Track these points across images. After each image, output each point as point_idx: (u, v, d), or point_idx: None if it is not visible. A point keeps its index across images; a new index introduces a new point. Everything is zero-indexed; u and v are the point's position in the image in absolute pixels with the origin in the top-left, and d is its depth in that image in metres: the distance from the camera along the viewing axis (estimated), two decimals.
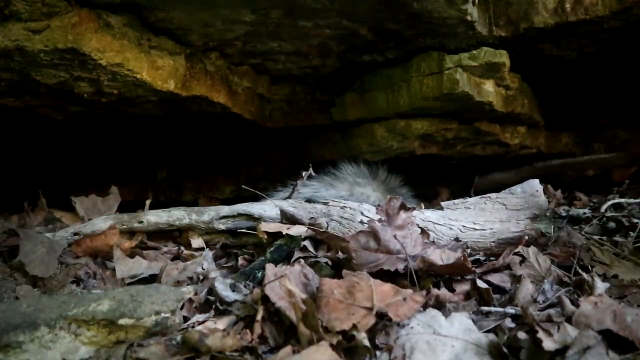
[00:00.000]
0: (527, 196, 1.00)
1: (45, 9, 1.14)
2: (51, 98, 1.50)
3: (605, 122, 2.17)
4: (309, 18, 1.41)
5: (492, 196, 1.03)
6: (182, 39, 1.48)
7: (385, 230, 0.88)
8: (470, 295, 0.82)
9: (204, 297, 0.85)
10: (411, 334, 0.67)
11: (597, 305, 0.68)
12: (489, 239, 0.98)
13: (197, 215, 1.20)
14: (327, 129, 2.04)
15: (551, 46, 1.68)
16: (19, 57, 1.22)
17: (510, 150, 2.03)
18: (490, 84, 1.69)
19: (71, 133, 2.00)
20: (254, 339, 0.68)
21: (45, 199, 1.59)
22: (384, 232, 0.88)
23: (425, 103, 1.67)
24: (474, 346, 0.65)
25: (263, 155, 2.29)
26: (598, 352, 0.60)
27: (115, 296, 0.75)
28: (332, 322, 0.63)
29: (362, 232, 0.88)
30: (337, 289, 0.70)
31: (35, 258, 0.99)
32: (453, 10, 1.41)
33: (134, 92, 1.48)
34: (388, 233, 0.88)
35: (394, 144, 1.86)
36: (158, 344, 0.68)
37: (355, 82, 1.86)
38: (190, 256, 1.12)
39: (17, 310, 0.70)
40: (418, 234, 0.93)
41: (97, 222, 1.17)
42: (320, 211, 1.12)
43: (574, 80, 1.92)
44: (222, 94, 1.66)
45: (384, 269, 0.84)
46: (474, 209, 1.03)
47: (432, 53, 1.65)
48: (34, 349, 0.66)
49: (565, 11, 1.53)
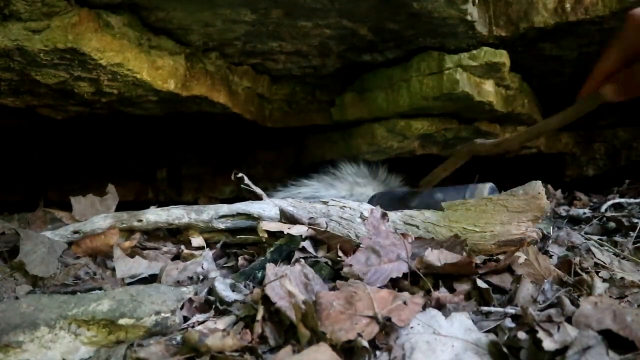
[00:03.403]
0: (529, 198, 1.00)
1: (45, 8, 1.14)
2: (51, 98, 1.50)
3: (605, 122, 2.17)
4: (309, 18, 1.41)
5: (493, 198, 1.03)
6: (182, 39, 1.48)
7: (378, 242, 0.90)
8: (471, 295, 0.82)
9: (204, 297, 0.85)
10: (411, 334, 0.67)
11: (597, 305, 0.68)
12: (490, 241, 0.98)
13: (196, 214, 1.20)
14: (327, 128, 2.04)
15: (551, 46, 1.68)
16: (19, 57, 1.22)
17: (510, 151, 2.03)
18: (490, 84, 1.69)
19: (71, 133, 2.00)
20: (254, 339, 0.68)
21: (46, 199, 1.59)
22: (379, 245, 0.89)
23: (425, 103, 1.67)
24: (474, 346, 0.65)
25: (263, 155, 2.29)
26: (598, 352, 0.60)
27: (115, 296, 0.75)
28: (336, 333, 0.62)
29: (359, 250, 0.88)
30: (336, 300, 0.70)
31: (35, 258, 0.99)
32: (453, 10, 1.41)
33: (134, 92, 1.48)
34: (383, 242, 0.90)
35: (394, 144, 1.86)
36: (158, 343, 0.68)
37: (355, 82, 1.86)
38: (190, 256, 1.12)
39: (17, 310, 0.70)
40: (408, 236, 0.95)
41: (97, 221, 1.17)
42: (319, 211, 1.12)
43: (574, 80, 1.92)
44: (222, 94, 1.66)
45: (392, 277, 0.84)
46: (475, 211, 1.03)
47: (432, 53, 1.65)
48: (34, 349, 0.66)
49: (565, 11, 1.53)
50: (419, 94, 1.66)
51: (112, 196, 1.44)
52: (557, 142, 2.19)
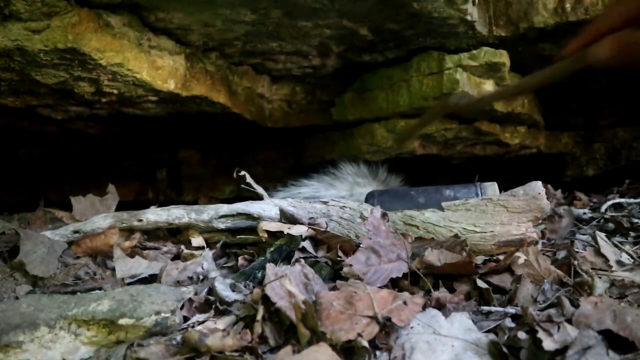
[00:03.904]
0: (529, 199, 0.99)
1: (45, 8, 1.14)
2: (51, 98, 1.50)
3: (605, 122, 2.17)
4: (309, 18, 1.41)
5: (494, 198, 1.03)
6: (182, 39, 1.48)
7: (378, 242, 0.90)
8: (471, 295, 0.82)
9: (204, 297, 0.85)
10: (411, 334, 0.67)
11: (597, 305, 0.68)
12: (490, 241, 0.98)
13: (196, 214, 1.20)
14: (327, 128, 2.04)
15: (551, 46, 1.68)
16: (19, 57, 1.22)
17: (510, 150, 2.03)
18: (491, 84, 1.69)
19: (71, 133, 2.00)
20: (254, 339, 0.68)
21: (46, 199, 1.59)
22: (379, 245, 0.89)
23: (425, 103, 1.67)
24: (474, 346, 0.65)
25: (263, 155, 2.29)
26: (598, 352, 0.59)
27: (115, 296, 0.75)
28: (336, 333, 0.62)
29: (359, 250, 0.88)
30: (336, 300, 0.70)
31: (35, 258, 0.99)
32: (453, 10, 1.41)
33: (133, 92, 1.48)
34: (383, 242, 0.90)
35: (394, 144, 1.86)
36: (158, 344, 0.68)
37: (355, 82, 1.86)
38: (190, 256, 1.12)
39: (17, 310, 0.70)
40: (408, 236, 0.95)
41: (97, 220, 1.17)
42: (319, 211, 1.12)
43: (574, 80, 1.92)
44: (222, 94, 1.66)
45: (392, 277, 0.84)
46: (475, 211, 1.03)
47: (432, 53, 1.65)
48: (34, 349, 0.66)
49: (565, 11, 1.52)
50: (419, 94, 1.66)
51: (112, 196, 1.44)
52: (557, 142, 2.19)
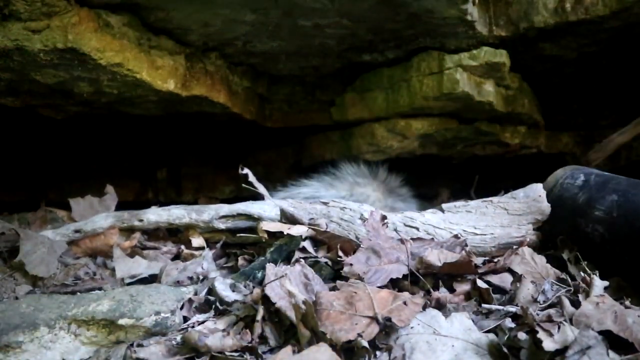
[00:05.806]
0: (530, 201, 0.99)
1: (45, 8, 1.14)
2: (51, 98, 1.50)
3: (605, 122, 2.17)
4: (309, 18, 1.41)
5: (494, 200, 1.03)
6: (182, 39, 1.48)
7: (378, 243, 0.90)
8: (471, 295, 0.82)
9: (204, 297, 0.85)
10: (411, 334, 0.67)
11: (598, 306, 0.68)
12: (490, 244, 0.98)
13: (196, 214, 1.20)
14: (327, 128, 2.04)
15: (551, 46, 1.68)
16: (18, 56, 1.22)
17: (510, 150, 2.03)
18: (491, 84, 1.69)
19: (71, 133, 2.00)
20: (254, 339, 0.68)
21: (46, 199, 1.59)
22: (379, 246, 0.89)
23: (425, 103, 1.67)
24: (474, 346, 0.65)
25: (263, 155, 2.29)
26: (598, 353, 0.59)
27: (115, 296, 0.75)
28: (336, 333, 0.63)
29: (360, 250, 0.89)
30: (336, 300, 0.70)
31: (35, 258, 0.99)
32: (453, 10, 1.41)
33: (133, 91, 1.48)
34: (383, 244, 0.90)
35: (394, 144, 1.86)
36: (158, 344, 0.68)
37: (355, 81, 1.86)
38: (190, 256, 1.12)
39: (17, 310, 0.70)
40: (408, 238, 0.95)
41: (98, 220, 1.17)
42: (319, 212, 1.12)
43: (574, 80, 1.92)
44: (222, 94, 1.66)
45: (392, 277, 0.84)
46: (475, 213, 1.03)
47: (432, 53, 1.65)
48: (34, 349, 0.67)
49: (565, 11, 1.52)
50: (419, 93, 1.66)
51: (111, 196, 1.44)
52: (558, 142, 2.19)
